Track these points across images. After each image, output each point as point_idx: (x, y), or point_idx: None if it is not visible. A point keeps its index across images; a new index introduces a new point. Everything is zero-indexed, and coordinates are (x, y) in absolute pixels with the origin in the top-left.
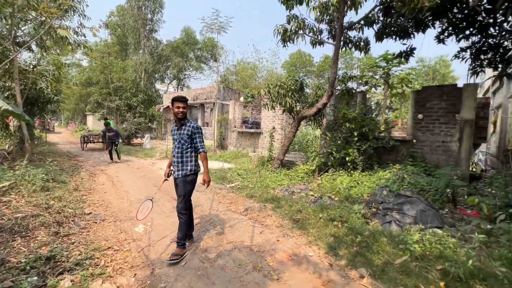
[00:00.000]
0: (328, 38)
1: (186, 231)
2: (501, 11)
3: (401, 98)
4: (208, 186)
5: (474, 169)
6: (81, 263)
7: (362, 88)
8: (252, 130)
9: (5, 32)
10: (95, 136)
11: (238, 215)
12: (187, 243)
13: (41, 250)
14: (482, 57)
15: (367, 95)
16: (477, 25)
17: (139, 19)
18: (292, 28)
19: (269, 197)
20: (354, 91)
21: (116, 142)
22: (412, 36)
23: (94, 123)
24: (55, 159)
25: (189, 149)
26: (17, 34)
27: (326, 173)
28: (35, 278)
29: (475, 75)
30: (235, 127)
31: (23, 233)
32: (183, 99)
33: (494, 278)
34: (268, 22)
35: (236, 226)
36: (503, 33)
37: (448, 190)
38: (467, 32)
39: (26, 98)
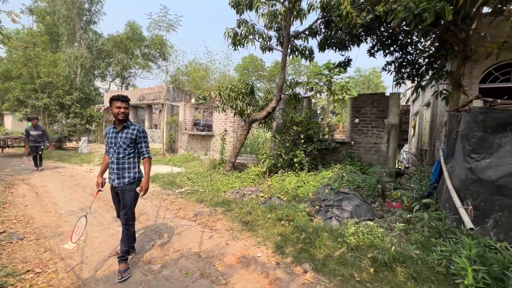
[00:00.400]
0: (277, 45)
1: (132, 243)
2: (415, 33)
3: (342, 103)
4: (144, 194)
5: (399, 167)
6: None
7: (309, 93)
8: (203, 133)
9: None
10: (15, 140)
11: (187, 221)
12: (129, 257)
13: None
14: (403, 70)
15: (314, 100)
16: (398, 43)
17: (74, 8)
18: (242, 33)
19: (220, 200)
20: (300, 96)
21: (42, 146)
22: (349, 48)
23: (14, 124)
24: None
25: (132, 155)
26: None
27: (276, 174)
28: None
29: (398, 85)
30: (186, 129)
31: None
32: (124, 98)
33: (411, 259)
34: (221, 24)
35: (184, 233)
36: (418, 51)
37: (378, 185)
38: (392, 49)
39: None
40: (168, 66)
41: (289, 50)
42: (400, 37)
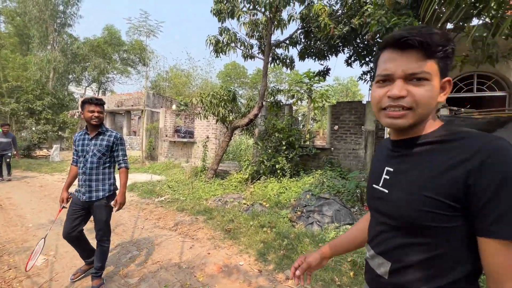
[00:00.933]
0: (258, 53)
1: (106, 259)
2: None
3: (322, 111)
4: (119, 209)
5: None
6: None
7: (290, 101)
8: (185, 140)
9: None
10: None
11: (167, 231)
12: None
13: None
14: None
15: (295, 107)
16: (373, 54)
17: (47, 10)
18: (224, 40)
19: (201, 209)
20: (282, 103)
21: (9, 154)
22: (327, 58)
23: None
24: None
25: (108, 164)
26: None
27: (258, 181)
28: None
29: None
30: (166, 136)
31: None
32: (97, 101)
33: None
34: (203, 30)
35: (164, 244)
36: None
37: (357, 190)
38: (367, 59)
39: None
40: (148, 72)
41: (270, 59)
42: (375, 49)
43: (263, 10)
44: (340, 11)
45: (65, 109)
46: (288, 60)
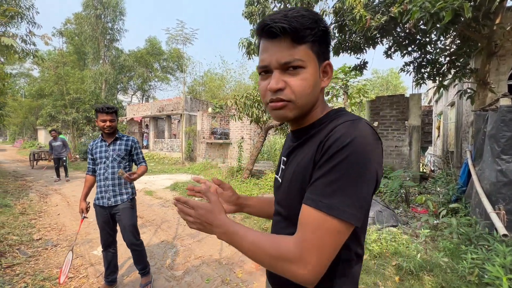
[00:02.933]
0: None
1: (146, 258)
2: (433, 32)
3: (360, 107)
4: (131, 179)
5: (424, 170)
6: None
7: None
8: (221, 141)
9: None
10: (47, 153)
11: None
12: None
13: None
14: (422, 70)
15: (331, 104)
16: (416, 42)
17: (98, 28)
18: (256, 42)
19: None
20: None
21: (64, 158)
22: (364, 51)
23: (46, 138)
24: None
25: (127, 168)
26: None
27: None
28: None
29: (419, 86)
30: (203, 138)
31: None
32: (108, 110)
33: (439, 268)
34: (236, 34)
35: (205, 240)
36: (438, 50)
37: (402, 190)
38: (409, 49)
39: None
40: (186, 78)
41: None
42: (418, 37)
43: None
44: (376, 1)
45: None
46: None
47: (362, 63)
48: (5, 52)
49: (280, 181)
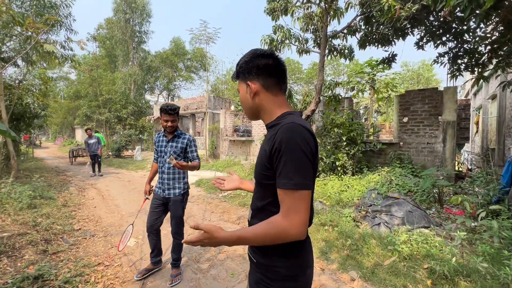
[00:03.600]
0: (313, 47)
1: (181, 251)
2: (472, 19)
3: (388, 102)
4: (180, 167)
5: (459, 169)
6: (70, 280)
7: (350, 93)
8: (243, 138)
9: None
10: (84, 150)
11: (231, 224)
12: (157, 269)
13: (28, 269)
14: (459, 61)
15: (355, 99)
16: (452, 31)
17: (127, 32)
18: (278, 38)
19: None
20: (341, 97)
21: (99, 154)
22: (393, 43)
23: (83, 137)
24: (42, 175)
25: None
26: (2, 49)
27: (317, 178)
28: None
29: (454, 78)
30: (226, 135)
31: (9, 253)
32: (171, 111)
33: (477, 273)
34: (255, 30)
35: None
36: (477, 38)
37: (434, 190)
38: (444, 39)
39: (12, 113)
40: (209, 76)
41: (327, 51)
42: (454, 25)
43: (317, 1)
44: None
45: (143, 115)
46: (346, 51)
47: (390, 55)
48: (47, 58)
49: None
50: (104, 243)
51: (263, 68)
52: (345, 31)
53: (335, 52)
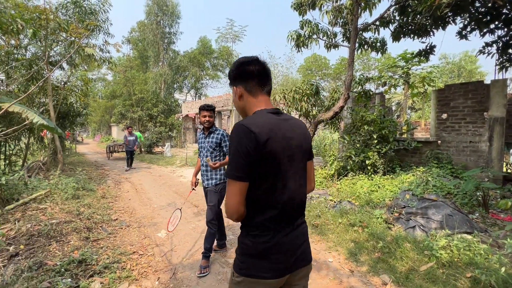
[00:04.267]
0: (342, 41)
1: (213, 242)
2: None
3: (423, 97)
4: (213, 167)
5: (508, 170)
6: (109, 266)
7: (381, 89)
8: None
9: (40, 53)
10: (119, 146)
11: None
12: (221, 252)
13: (73, 253)
14: (510, 51)
15: (387, 95)
16: (502, 18)
17: (158, 33)
18: (306, 33)
19: None
20: (371, 92)
21: (133, 151)
22: (431, 33)
23: (118, 134)
24: (84, 169)
25: (218, 158)
26: (50, 54)
27: (346, 177)
28: (69, 280)
29: (504, 70)
30: None
31: (58, 238)
32: (208, 108)
33: None
34: (282, 26)
35: None
36: None
37: (478, 193)
38: (492, 26)
39: (58, 112)
40: None
41: (357, 45)
42: (505, 10)
43: None
44: None
45: (172, 113)
46: (378, 44)
47: (428, 47)
48: (87, 60)
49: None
50: (138, 234)
51: (245, 73)
52: (377, 23)
53: (365, 46)
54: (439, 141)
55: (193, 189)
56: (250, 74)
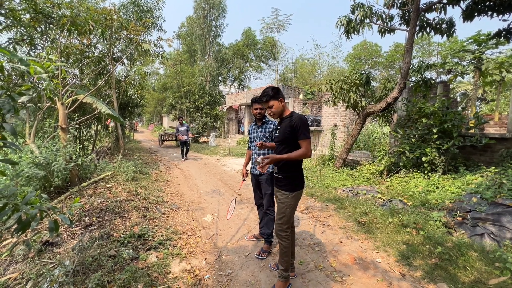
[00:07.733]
0: (400, 24)
1: (273, 227)
2: None
3: (499, 86)
4: (261, 165)
5: None
6: (163, 243)
7: (444, 77)
8: (312, 128)
9: (105, 51)
10: (170, 135)
11: (298, 213)
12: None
13: (134, 229)
14: None
15: (451, 85)
16: None
17: (205, 27)
18: (357, 18)
19: (331, 197)
20: (432, 81)
21: (188, 142)
22: None
23: (168, 123)
24: (140, 155)
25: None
26: (114, 51)
27: (397, 175)
28: (131, 251)
29: None
30: None
31: (121, 214)
32: (260, 100)
33: None
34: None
35: (297, 224)
36: None
37: None
38: None
39: (120, 103)
40: (278, 65)
41: (417, 28)
42: None
43: None
44: None
45: (217, 104)
46: (444, 25)
47: (510, 26)
48: (143, 55)
49: (277, 134)
50: (187, 216)
51: (279, 93)
52: (445, 1)
53: (428, 28)
54: None
55: (244, 179)
56: (281, 93)
